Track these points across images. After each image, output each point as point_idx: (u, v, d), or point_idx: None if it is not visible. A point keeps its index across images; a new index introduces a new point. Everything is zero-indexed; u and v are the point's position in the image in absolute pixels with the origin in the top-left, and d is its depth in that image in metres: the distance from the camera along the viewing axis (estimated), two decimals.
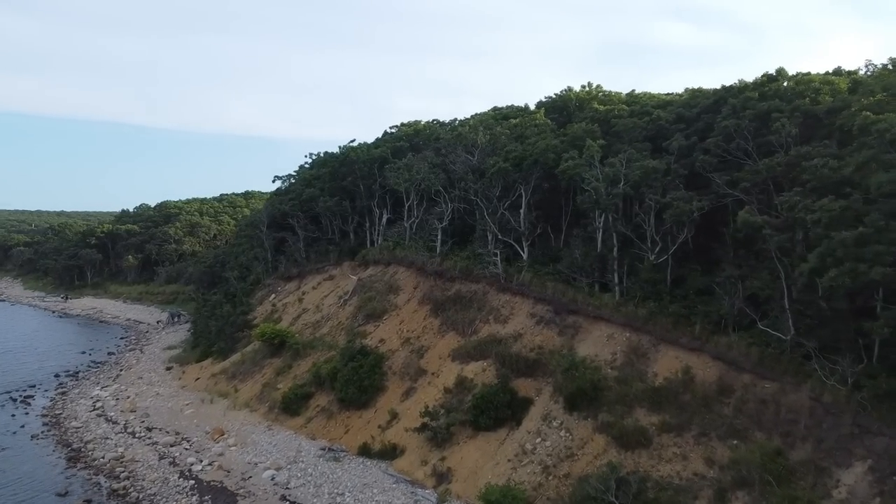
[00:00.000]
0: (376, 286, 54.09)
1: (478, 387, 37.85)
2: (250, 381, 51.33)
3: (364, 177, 62.90)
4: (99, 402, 52.46)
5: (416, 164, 56.23)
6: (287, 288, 66.71)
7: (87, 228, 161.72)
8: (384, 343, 46.57)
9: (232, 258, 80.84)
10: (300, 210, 68.12)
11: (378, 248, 60.31)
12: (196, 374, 57.89)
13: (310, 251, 67.71)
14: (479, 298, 45.22)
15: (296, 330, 55.25)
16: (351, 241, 65.89)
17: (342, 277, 61.02)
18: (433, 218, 53.39)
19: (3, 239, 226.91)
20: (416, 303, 49.23)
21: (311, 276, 65.19)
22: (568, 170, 41.23)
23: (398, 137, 69.36)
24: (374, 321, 50.09)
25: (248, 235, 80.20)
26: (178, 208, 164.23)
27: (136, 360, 70.79)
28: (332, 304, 56.70)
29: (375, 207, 62.48)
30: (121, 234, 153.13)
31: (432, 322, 46.07)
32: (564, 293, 40.96)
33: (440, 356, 42.52)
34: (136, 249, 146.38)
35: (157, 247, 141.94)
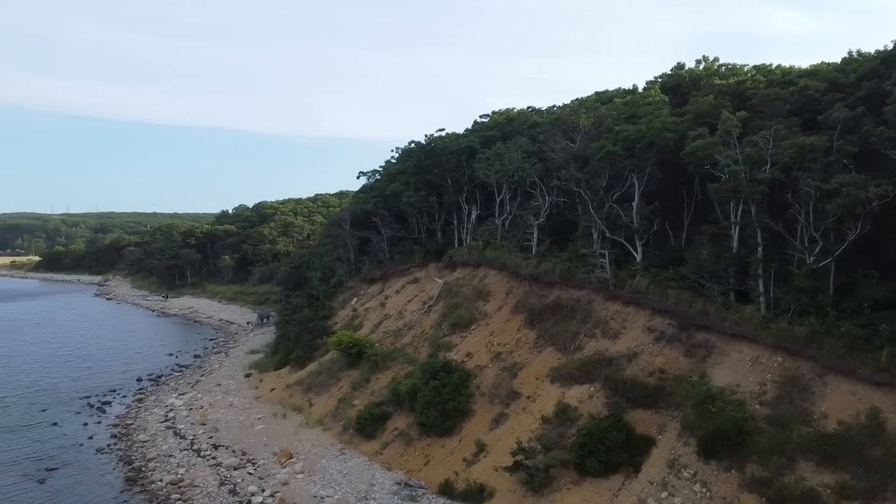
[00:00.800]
0: (464, 291, 48.05)
1: (583, 418, 30.93)
2: (325, 395, 46.59)
3: (451, 169, 57.08)
4: (172, 413, 49.37)
5: (507, 152, 49.76)
6: (369, 291, 61.96)
7: (187, 229, 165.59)
8: (471, 358, 40.40)
9: (316, 259, 77.34)
10: (384, 207, 63.18)
11: (466, 247, 54.31)
12: (272, 383, 53.98)
13: (394, 251, 62.68)
14: (583, 308, 38.16)
15: (375, 338, 50.13)
16: (438, 241, 60.29)
17: (427, 280, 55.46)
18: (528, 213, 46.68)
19: (117, 239, 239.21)
20: (509, 311, 42.75)
21: (395, 279, 60.09)
22: (697, 150, 33.43)
23: (489, 126, 63.09)
24: (461, 331, 44.03)
25: (332, 235, 76.39)
26: (274, 208, 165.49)
27: (220, 364, 68.31)
28: (416, 311, 51.16)
29: (464, 203, 56.48)
30: (219, 234, 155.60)
31: (527, 334, 39.42)
32: (691, 303, 33.29)
33: (536, 376, 35.81)
34: (232, 249, 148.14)
35: (252, 247, 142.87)
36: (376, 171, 73.95)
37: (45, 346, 79.44)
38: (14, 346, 78.78)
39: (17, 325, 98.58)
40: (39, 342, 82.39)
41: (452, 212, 58.16)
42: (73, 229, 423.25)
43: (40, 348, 77.56)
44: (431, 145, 58.31)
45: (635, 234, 39.34)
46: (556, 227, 46.85)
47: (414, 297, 54.10)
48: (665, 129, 37.16)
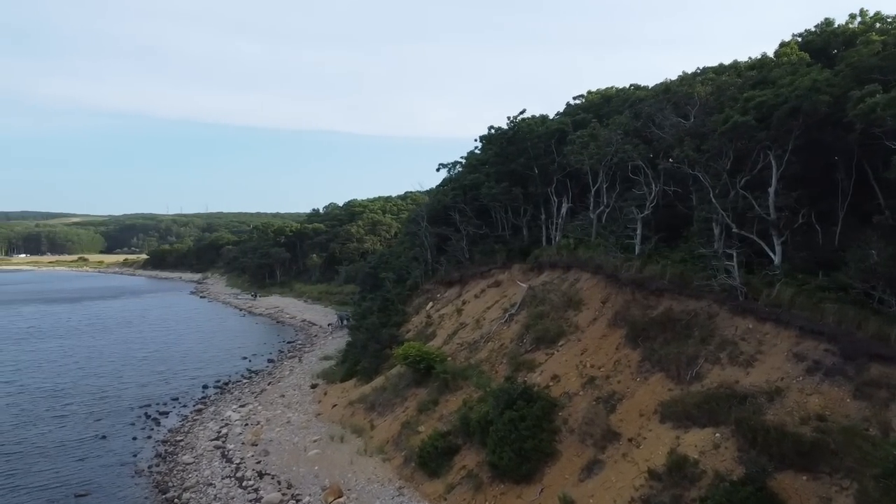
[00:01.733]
0: (551, 298, 40.47)
1: (706, 476, 22.85)
2: (389, 416, 40.39)
3: (538, 156, 49.58)
4: (226, 428, 44.83)
5: (604, 132, 41.75)
6: (446, 295, 55.41)
7: (277, 228, 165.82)
8: (557, 382, 32.88)
9: (394, 258, 71.81)
10: (463, 201, 56.48)
11: (555, 246, 46.66)
12: (336, 397, 48.49)
13: (474, 251, 55.87)
14: (703, 323, 29.76)
15: (448, 351, 43.43)
16: (524, 239, 52.94)
17: (510, 284, 48.23)
18: (629, 205, 38.46)
19: (216, 238, 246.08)
20: (605, 324, 34.83)
21: (475, 282, 53.22)
22: (872, 111, 24.31)
23: (582, 107, 55.03)
24: (546, 347, 36.51)
25: (410, 233, 70.54)
26: (363, 206, 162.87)
27: (290, 370, 64.01)
28: (495, 320, 44.02)
29: (553, 195, 48.79)
30: (307, 232, 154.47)
31: (628, 355, 31.44)
32: (859, 322, 24.39)
33: (641, 411, 27.86)
34: (320, 248, 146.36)
35: (339, 245, 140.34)
36: (458, 162, 67.40)
37: (127, 346, 78.32)
38: (98, 347, 78.15)
39: (109, 324, 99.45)
40: (123, 342, 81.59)
41: (540, 205, 50.63)
42: (182, 228, 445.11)
43: (121, 349, 76.38)
44: (514, 130, 50.91)
45: (772, 228, 30.47)
46: (665, 221, 38.37)
47: (494, 304, 47.02)
48: (816, 89, 28.10)
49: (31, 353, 73.35)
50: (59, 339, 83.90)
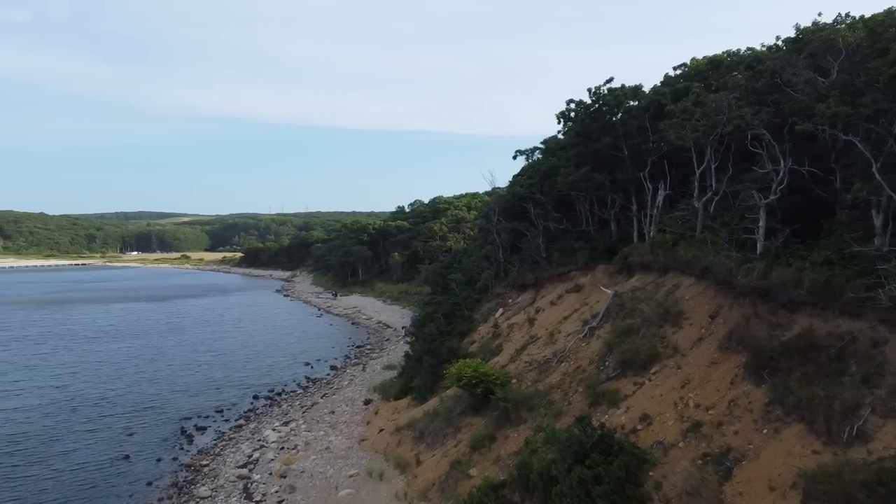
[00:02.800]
0: (642, 309, 31.85)
1: None
2: (438, 450, 33.17)
3: (628, 134, 40.79)
4: (258, 451, 39.16)
5: (714, 97, 32.60)
6: (519, 301, 47.51)
7: (359, 225, 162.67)
8: (648, 426, 24.47)
9: (465, 257, 64.60)
10: (540, 191, 48.37)
11: (648, 243, 37.80)
12: (385, 418, 41.79)
13: (552, 249, 47.69)
14: (865, 354, 20.54)
15: (514, 371, 35.63)
16: (611, 234, 44.27)
17: (592, 289, 39.79)
18: (748, 188, 29.24)
19: (305, 237, 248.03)
20: (715, 347, 26.00)
21: (551, 285, 45.06)
22: None
23: (684, 76, 45.57)
24: (635, 374, 28.05)
25: (482, 229, 63.01)
26: (448, 203, 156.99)
27: (350, 380, 58.23)
28: (573, 333, 35.78)
29: (646, 180, 39.82)
30: (390, 230, 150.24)
31: (750, 394, 22.61)
32: None
33: (772, 483, 19.13)
34: (402, 246, 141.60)
35: (422, 243, 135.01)
36: (537, 148, 59.15)
37: (194, 349, 75.39)
38: (165, 348, 75.70)
39: (185, 324, 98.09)
40: (192, 344, 78.92)
41: (630, 194, 41.79)
42: (280, 227, 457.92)
43: (186, 352, 73.44)
44: (598, 103, 42.22)
45: None
46: (798, 208, 28.82)
47: (573, 313, 38.72)
48: None
49: (97, 353, 71.58)
50: (131, 339, 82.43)
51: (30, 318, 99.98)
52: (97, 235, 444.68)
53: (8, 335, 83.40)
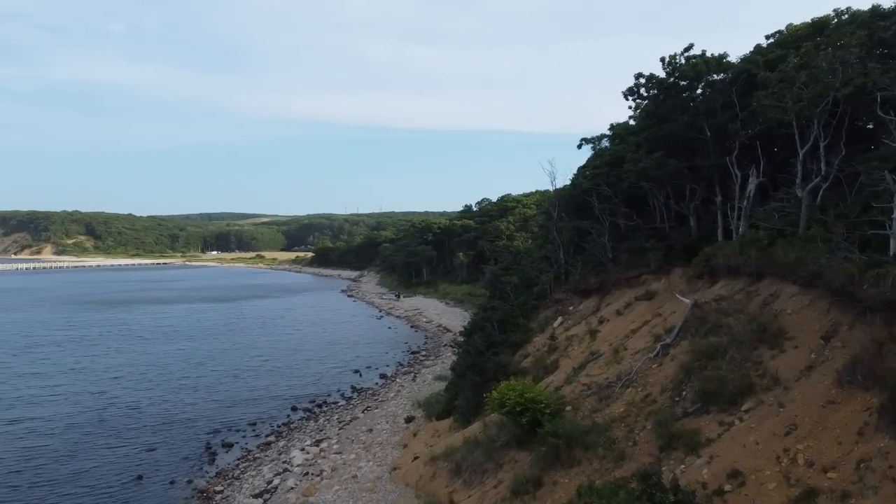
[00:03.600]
0: (730, 324, 25.38)
1: None
2: (476, 491, 27.69)
3: (711, 112, 34.05)
4: (280, 478, 34.82)
5: (825, 56, 25.73)
6: (580, 308, 41.36)
7: (425, 225, 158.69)
8: (740, 486, 18.17)
9: (525, 257, 58.79)
10: (606, 182, 42.07)
11: (737, 242, 31.04)
12: (423, 443, 36.64)
13: (620, 249, 41.29)
14: None
15: (569, 396, 29.71)
16: (691, 231, 37.59)
17: (667, 297, 33.37)
18: (875, 169, 22.35)
19: (374, 236, 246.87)
20: (832, 381, 19.40)
21: (618, 291, 38.76)
22: None
23: (780, 43, 38.20)
24: (721, 411, 21.71)
25: (542, 227, 57.00)
26: (516, 201, 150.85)
27: (397, 392, 53.62)
28: (642, 351, 29.54)
29: (733, 166, 33.01)
30: (456, 229, 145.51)
31: (890, 452, 16.11)
32: None
33: None
34: (468, 246, 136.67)
35: (488, 243, 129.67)
36: (604, 135, 52.62)
37: (245, 352, 72.70)
38: (217, 351, 73.42)
39: (244, 325, 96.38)
40: (245, 347, 76.41)
41: (714, 183, 35.03)
42: (354, 227, 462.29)
43: (237, 356, 70.79)
44: (674, 77, 35.56)
45: None
46: None
47: (643, 325, 32.44)
48: None
49: (146, 356, 69.88)
50: (186, 341, 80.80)
51: (94, 318, 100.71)
52: (180, 236, 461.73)
53: (67, 335, 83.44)
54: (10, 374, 59.17)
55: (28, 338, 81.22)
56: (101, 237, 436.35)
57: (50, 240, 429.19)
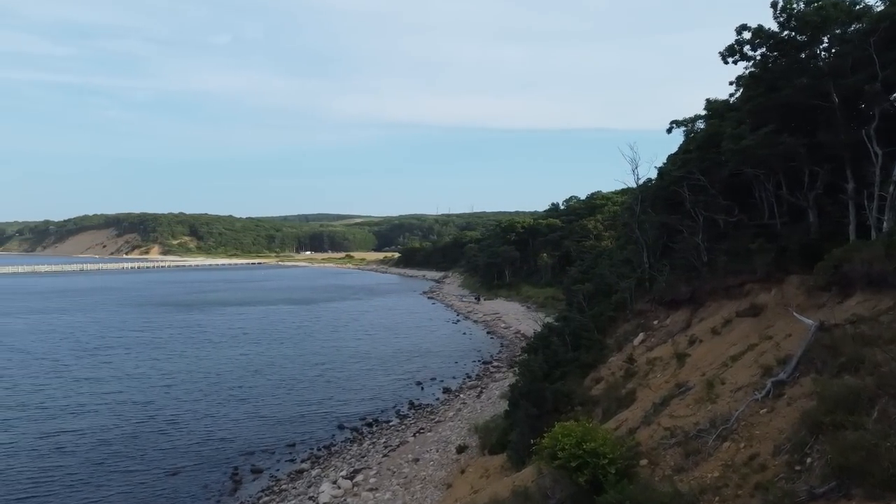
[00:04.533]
0: (876, 358, 17.76)
1: None
2: None
3: (840, 72, 25.99)
4: None
5: None
6: (667, 324, 33.90)
7: (507, 224, 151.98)
8: None
9: (605, 260, 51.42)
10: (699, 169, 34.40)
11: (880, 242, 23.00)
12: (469, 484, 30.49)
13: (717, 251, 33.52)
14: None
15: (646, 441, 22.70)
16: (810, 229, 29.51)
17: (779, 314, 25.60)
18: None
19: (459, 236, 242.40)
20: None
21: (715, 304, 31.13)
22: None
23: None
24: (870, 498, 14.41)
25: (624, 224, 49.46)
26: (606, 199, 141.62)
27: (457, 411, 47.83)
28: (745, 388, 22.05)
29: (871, 143, 24.88)
30: (540, 229, 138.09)
31: None
32: None
33: None
34: (553, 246, 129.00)
35: (574, 243, 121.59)
36: (699, 116, 44.47)
37: (307, 359, 69.14)
38: (280, 358, 70.36)
39: (316, 329, 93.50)
40: (311, 354, 72.95)
41: (844, 165, 26.90)
42: (443, 228, 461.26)
43: (297, 363, 67.32)
44: (790, 29, 27.64)
45: None
46: None
47: (746, 351, 24.88)
48: None
49: (207, 361, 67.59)
50: (252, 345, 78.39)
51: (171, 320, 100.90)
52: (276, 236, 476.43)
53: (138, 337, 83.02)
54: (67, 379, 57.87)
55: (102, 339, 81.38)
56: (204, 238, 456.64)
57: (157, 240, 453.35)
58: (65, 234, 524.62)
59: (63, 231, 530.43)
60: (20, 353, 71.19)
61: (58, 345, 76.67)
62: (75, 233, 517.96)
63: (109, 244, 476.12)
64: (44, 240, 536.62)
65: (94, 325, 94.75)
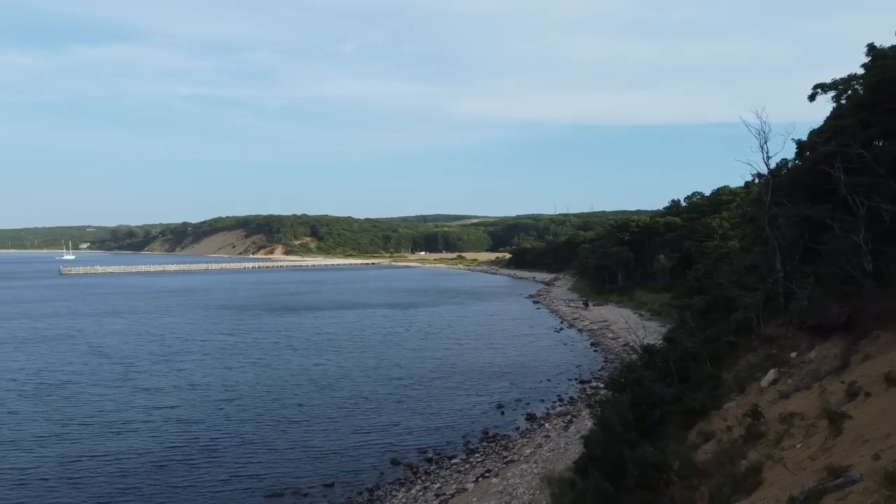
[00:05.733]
0: None
1: None
2: None
3: None
4: None
5: None
6: (810, 359, 23.92)
7: (621, 223, 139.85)
8: None
9: (723, 264, 41.05)
10: (859, 142, 24.25)
11: None
12: None
13: (888, 256, 23.27)
14: None
15: None
16: None
17: None
18: None
19: (573, 236, 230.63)
20: None
21: (887, 335, 21.07)
22: None
23: None
24: None
25: (751, 220, 39.00)
26: (733, 194, 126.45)
27: (533, 449, 39.84)
28: None
29: None
30: (658, 228, 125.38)
31: None
32: None
33: None
34: (671, 247, 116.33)
35: (696, 243, 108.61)
36: (854, 76, 33.46)
37: (382, 373, 62.78)
38: (353, 371, 64.58)
39: (404, 338, 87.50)
40: (388, 365, 66.76)
41: None
42: (559, 227, 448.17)
43: (370, 378, 61.13)
44: None
45: None
46: None
47: None
48: None
49: (275, 371, 63.03)
50: (332, 354, 73.45)
51: (262, 324, 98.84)
52: (392, 237, 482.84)
53: (221, 342, 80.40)
54: (127, 389, 55.01)
55: (186, 342, 79.80)
56: (324, 238, 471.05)
57: (281, 241, 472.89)
58: (200, 235, 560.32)
59: (199, 232, 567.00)
60: (99, 356, 70.45)
61: (141, 347, 75.58)
62: (210, 234, 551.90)
63: (238, 244, 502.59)
64: (182, 240, 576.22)
65: (188, 327, 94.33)
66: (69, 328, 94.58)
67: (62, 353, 71.85)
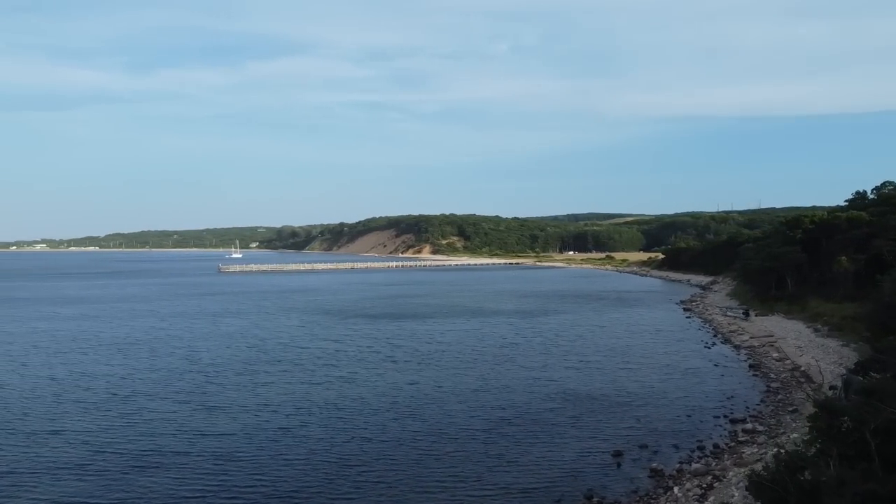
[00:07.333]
0: None
1: None
2: None
3: None
4: None
5: None
6: None
7: (791, 219, 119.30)
8: None
9: None
10: None
11: None
12: None
13: None
14: None
15: None
16: None
17: None
18: None
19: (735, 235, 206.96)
20: None
21: None
22: None
23: None
24: None
25: None
26: None
27: None
28: None
29: None
30: (838, 224, 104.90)
31: None
32: None
33: None
34: (856, 247, 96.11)
35: (889, 242, 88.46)
36: None
37: (481, 399, 53.05)
38: (446, 394, 55.76)
39: (523, 350, 77.61)
40: (492, 388, 57.13)
41: None
42: (721, 226, 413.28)
43: (465, 406, 51.93)
44: None
45: None
46: None
47: None
48: None
49: (366, 389, 55.64)
50: (433, 370, 65.07)
51: (375, 330, 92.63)
52: (539, 236, 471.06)
53: (321, 350, 74.52)
54: (191, 406, 49.54)
55: (285, 350, 75.22)
56: (470, 237, 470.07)
57: (429, 240, 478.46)
58: (355, 235, 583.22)
59: (354, 232, 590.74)
60: (190, 362, 67.48)
61: (235, 355, 71.99)
62: (363, 233, 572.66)
63: (389, 244, 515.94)
64: (339, 240, 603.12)
65: (297, 331, 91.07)
66: (184, 329, 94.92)
67: (155, 359, 69.63)
